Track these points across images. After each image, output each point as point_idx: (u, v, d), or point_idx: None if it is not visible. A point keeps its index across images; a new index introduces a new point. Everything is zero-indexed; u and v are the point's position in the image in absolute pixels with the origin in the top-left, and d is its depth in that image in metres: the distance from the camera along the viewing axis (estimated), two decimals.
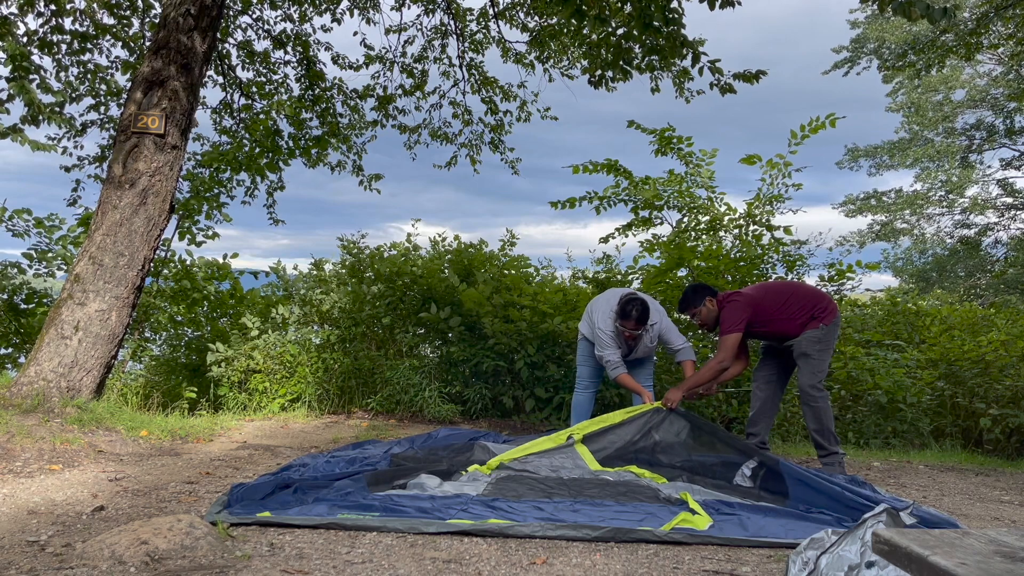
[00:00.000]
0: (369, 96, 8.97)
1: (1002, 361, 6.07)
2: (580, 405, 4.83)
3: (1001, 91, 18.96)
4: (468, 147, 9.72)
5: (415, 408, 6.32)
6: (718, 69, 5.06)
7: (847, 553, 2.02)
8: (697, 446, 3.91)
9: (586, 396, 4.85)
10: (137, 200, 4.73)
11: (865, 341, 6.70)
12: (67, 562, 2.26)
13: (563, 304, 6.53)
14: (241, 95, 8.71)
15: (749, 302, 4.06)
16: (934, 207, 22.29)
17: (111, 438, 4.18)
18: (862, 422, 6.02)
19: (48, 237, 7.15)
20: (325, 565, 2.33)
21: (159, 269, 7.15)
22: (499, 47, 8.97)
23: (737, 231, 7.21)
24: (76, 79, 7.66)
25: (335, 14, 8.58)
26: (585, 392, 4.86)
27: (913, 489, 4.03)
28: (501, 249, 7.81)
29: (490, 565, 2.39)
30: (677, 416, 4.02)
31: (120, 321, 4.69)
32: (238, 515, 2.71)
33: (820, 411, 4.00)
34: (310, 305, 7.34)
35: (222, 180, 7.92)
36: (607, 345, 4.47)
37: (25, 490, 3.11)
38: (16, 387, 4.39)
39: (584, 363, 4.84)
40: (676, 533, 2.69)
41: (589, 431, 3.95)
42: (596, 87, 5.72)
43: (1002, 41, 11.24)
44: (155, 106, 4.83)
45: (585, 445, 3.88)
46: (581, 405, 4.83)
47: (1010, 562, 0.98)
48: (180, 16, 4.96)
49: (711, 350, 6.91)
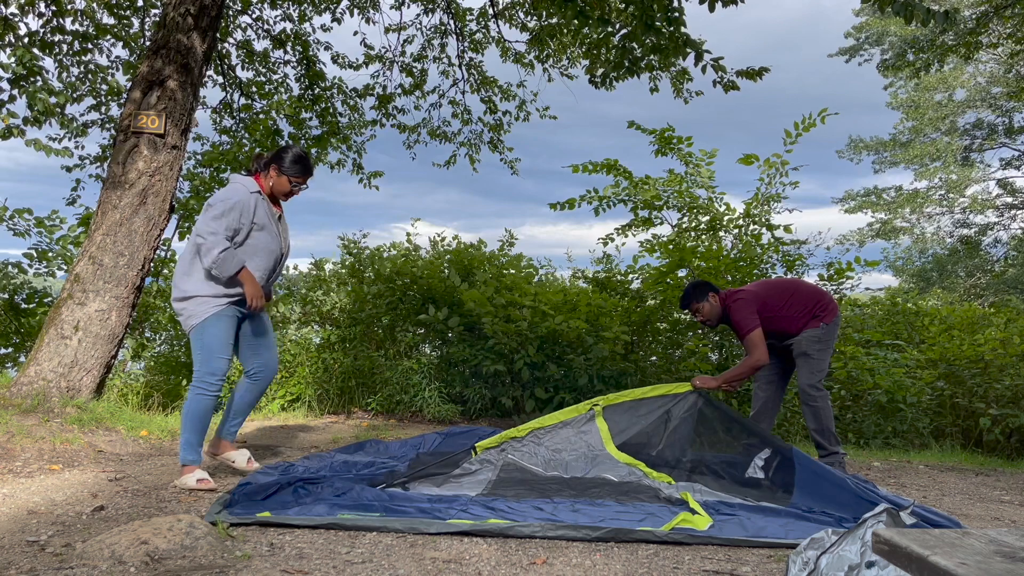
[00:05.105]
0: (369, 95, 8.97)
1: (1001, 360, 6.07)
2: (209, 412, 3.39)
3: (1000, 90, 18.96)
4: (467, 146, 9.72)
5: (415, 408, 6.32)
6: (721, 67, 5.06)
7: (847, 553, 2.02)
8: (713, 441, 3.86)
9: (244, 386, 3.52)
10: (137, 200, 4.73)
11: (865, 341, 6.70)
12: (67, 562, 2.25)
13: (563, 304, 6.54)
14: (241, 95, 8.71)
15: (753, 298, 4.06)
16: (934, 206, 22.29)
17: (111, 438, 4.18)
18: (862, 422, 6.02)
19: (48, 237, 7.15)
20: (325, 565, 2.33)
21: (159, 269, 7.15)
22: (498, 47, 8.98)
23: (737, 231, 7.21)
24: (77, 79, 7.66)
25: (335, 13, 8.59)
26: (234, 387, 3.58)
27: (913, 489, 4.03)
28: (500, 249, 7.81)
29: (490, 565, 2.40)
30: (706, 406, 3.91)
31: (120, 321, 4.69)
32: (238, 515, 2.71)
33: (820, 411, 4.00)
34: (310, 305, 7.34)
35: (222, 180, 7.92)
36: (207, 224, 3.22)
37: (25, 490, 3.11)
38: (16, 387, 4.39)
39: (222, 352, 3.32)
40: (676, 533, 2.69)
41: (613, 403, 3.88)
42: (598, 86, 5.73)
43: (1001, 40, 11.24)
44: (155, 106, 4.83)
45: (606, 420, 3.81)
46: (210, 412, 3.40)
47: (1010, 562, 0.98)
48: (180, 16, 4.96)
49: (710, 350, 6.92)
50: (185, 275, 3.33)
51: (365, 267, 7.45)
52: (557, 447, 3.69)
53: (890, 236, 22.89)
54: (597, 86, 5.94)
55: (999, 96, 19.18)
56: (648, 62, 5.36)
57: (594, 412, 3.79)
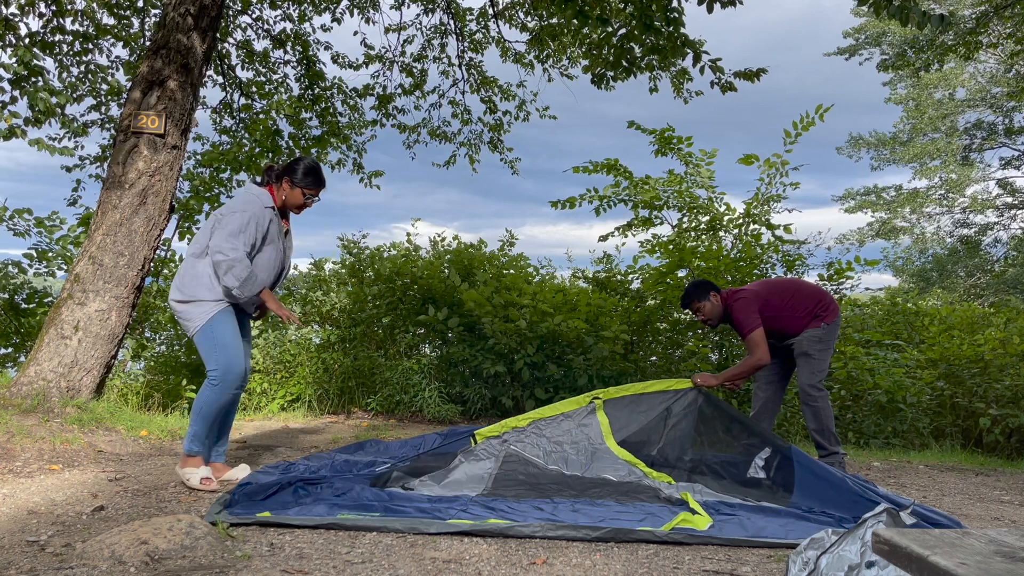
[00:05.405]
0: (369, 95, 8.97)
1: (1001, 361, 6.07)
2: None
3: (1000, 90, 18.96)
4: (467, 146, 9.73)
5: (415, 408, 6.32)
6: (719, 68, 5.07)
7: (847, 553, 2.02)
8: (713, 440, 3.86)
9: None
10: (137, 200, 4.73)
11: (865, 341, 6.70)
12: (67, 562, 2.26)
13: (563, 304, 6.54)
14: (241, 95, 8.71)
15: (755, 297, 4.06)
16: (934, 206, 22.29)
17: (111, 438, 4.18)
18: (862, 422, 6.02)
19: (48, 237, 7.15)
20: (325, 565, 2.33)
21: (159, 269, 7.15)
22: (498, 47, 8.98)
23: (737, 231, 7.22)
24: (77, 79, 7.67)
25: (335, 13, 8.59)
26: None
27: (913, 489, 4.03)
28: (501, 249, 7.81)
29: (490, 565, 2.40)
30: (706, 403, 3.91)
31: (120, 321, 4.69)
32: (238, 515, 2.71)
33: (820, 411, 4.00)
34: (310, 305, 7.34)
35: (222, 180, 7.92)
36: (227, 239, 3.16)
37: (25, 490, 3.11)
38: (16, 387, 4.39)
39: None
40: (676, 533, 2.69)
41: (614, 396, 3.88)
42: (598, 86, 5.73)
43: (1001, 40, 11.24)
44: (155, 106, 4.83)
45: (607, 415, 3.80)
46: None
47: (1010, 562, 0.98)
48: (180, 16, 4.96)
49: (710, 350, 6.92)
50: (187, 278, 3.30)
51: (365, 267, 7.45)
52: (559, 439, 3.69)
53: (890, 236, 22.89)
54: (597, 86, 5.94)
55: (999, 96, 19.18)
56: (648, 62, 5.36)
57: (595, 405, 3.79)
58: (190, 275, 3.30)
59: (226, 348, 3.26)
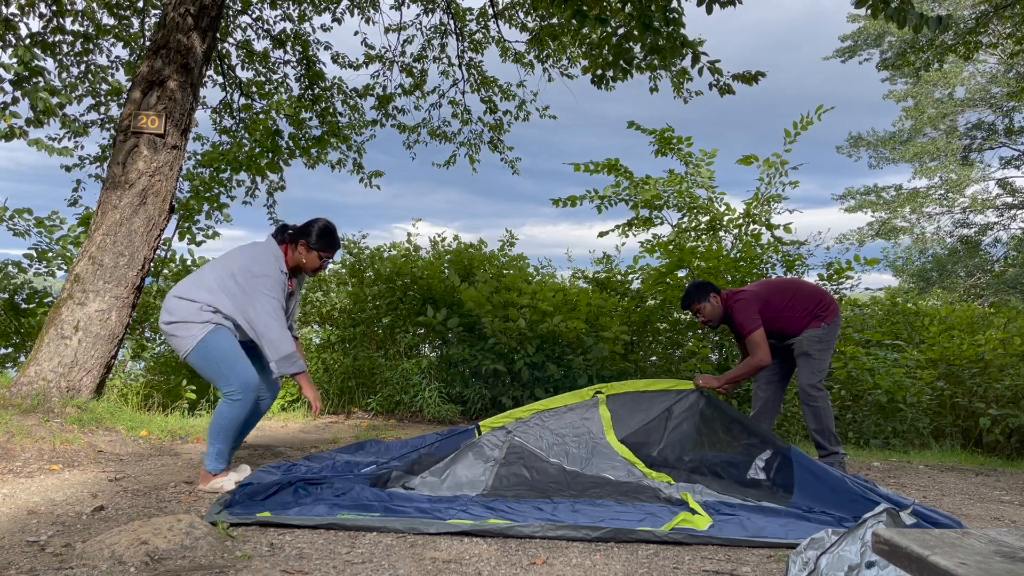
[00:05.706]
0: (369, 95, 8.97)
1: (1001, 361, 6.07)
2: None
3: (1000, 90, 18.96)
4: (467, 146, 9.73)
5: (415, 408, 6.32)
6: (717, 69, 5.06)
7: (847, 553, 2.02)
8: (714, 441, 3.86)
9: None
10: (137, 200, 4.73)
11: (865, 341, 6.70)
12: (67, 562, 2.26)
13: (563, 304, 6.54)
14: (241, 95, 8.71)
15: (755, 298, 4.06)
16: (934, 205, 22.28)
17: (111, 438, 4.18)
18: (862, 422, 6.02)
19: (48, 237, 7.15)
20: (325, 565, 2.33)
21: (159, 269, 7.15)
22: (498, 47, 8.98)
23: (737, 231, 7.22)
24: (77, 79, 7.67)
25: (335, 13, 8.59)
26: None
27: (913, 489, 4.03)
28: (501, 249, 7.82)
29: (490, 565, 2.40)
30: (707, 405, 3.91)
31: (120, 321, 4.69)
32: (238, 515, 2.71)
33: (820, 411, 4.00)
34: (310, 305, 7.33)
35: (222, 180, 7.92)
36: (270, 302, 3.18)
37: (25, 490, 3.11)
38: (16, 387, 4.39)
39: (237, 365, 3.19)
40: (676, 533, 2.69)
41: (617, 392, 3.89)
42: (597, 86, 5.73)
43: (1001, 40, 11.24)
44: (155, 106, 4.83)
45: (609, 410, 3.81)
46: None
47: (1010, 562, 0.98)
48: (180, 16, 4.96)
49: (710, 351, 6.92)
50: (187, 294, 3.24)
51: (365, 267, 7.45)
52: (561, 431, 3.70)
53: (890, 236, 22.86)
54: (597, 86, 5.94)
55: (999, 96, 19.17)
56: (649, 62, 5.35)
57: (598, 399, 3.81)
58: (186, 290, 3.25)
59: (227, 360, 3.16)
